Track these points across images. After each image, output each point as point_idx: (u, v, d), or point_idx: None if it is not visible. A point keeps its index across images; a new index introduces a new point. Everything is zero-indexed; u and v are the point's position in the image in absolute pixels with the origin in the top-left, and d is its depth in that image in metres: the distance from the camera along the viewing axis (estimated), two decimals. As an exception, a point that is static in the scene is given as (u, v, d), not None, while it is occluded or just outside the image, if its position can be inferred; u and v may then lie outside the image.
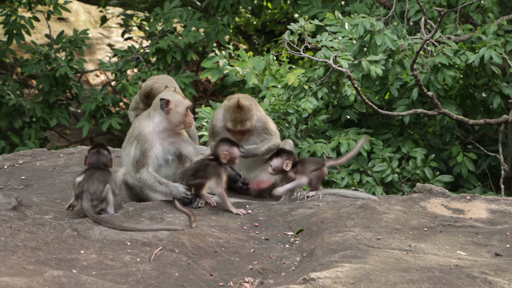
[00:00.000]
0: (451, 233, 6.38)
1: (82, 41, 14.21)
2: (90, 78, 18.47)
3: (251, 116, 7.51)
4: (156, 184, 7.06)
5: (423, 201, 7.02)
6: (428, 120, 10.76)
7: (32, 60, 14.14)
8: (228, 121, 7.50)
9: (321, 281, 5.34)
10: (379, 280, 5.38)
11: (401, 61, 10.17)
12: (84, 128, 14.02)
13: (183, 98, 7.25)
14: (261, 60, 10.94)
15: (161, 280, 5.66)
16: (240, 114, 7.45)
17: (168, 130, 7.19)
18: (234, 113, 7.46)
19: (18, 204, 6.70)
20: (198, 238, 6.29)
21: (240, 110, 7.45)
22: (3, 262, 5.59)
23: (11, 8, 14.15)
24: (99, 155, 7.02)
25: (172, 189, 6.99)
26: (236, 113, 7.45)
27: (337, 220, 6.58)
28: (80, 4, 20.22)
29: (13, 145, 13.99)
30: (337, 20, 10.65)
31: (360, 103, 10.35)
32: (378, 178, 10.01)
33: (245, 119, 7.47)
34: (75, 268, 5.70)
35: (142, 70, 14.09)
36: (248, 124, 7.49)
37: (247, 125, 7.49)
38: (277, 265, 6.00)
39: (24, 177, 8.12)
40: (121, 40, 18.96)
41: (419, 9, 11.84)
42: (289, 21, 13.83)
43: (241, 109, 7.45)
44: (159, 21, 14.59)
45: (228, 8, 14.80)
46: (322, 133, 10.43)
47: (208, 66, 10.93)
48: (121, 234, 6.27)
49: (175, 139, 7.25)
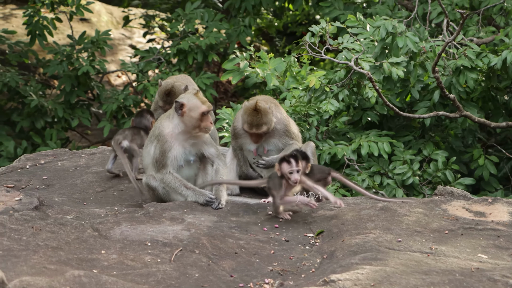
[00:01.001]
0: (472, 236, 6.35)
1: (104, 42, 14.27)
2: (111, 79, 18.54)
3: (268, 120, 7.48)
4: (182, 187, 7.12)
5: (444, 203, 7.00)
6: (450, 122, 10.71)
7: (54, 61, 14.22)
8: (245, 123, 7.52)
9: (341, 283, 5.33)
10: (399, 282, 5.36)
11: (423, 63, 10.12)
12: (105, 128, 14.07)
13: (201, 103, 7.18)
14: (282, 62, 10.93)
15: (181, 280, 5.67)
16: (256, 117, 7.45)
17: (186, 132, 7.19)
18: (251, 116, 7.46)
19: (40, 204, 6.74)
20: (219, 239, 6.29)
21: (256, 113, 7.45)
22: (25, 261, 5.62)
23: (34, 9, 14.24)
24: (142, 118, 8.09)
25: (198, 195, 7.04)
26: (253, 116, 7.46)
27: (358, 222, 6.57)
28: (102, 5, 20.30)
29: (35, 145, 14.07)
30: (359, 22, 10.63)
31: (381, 105, 10.32)
32: (399, 180, 9.97)
33: (261, 123, 7.46)
34: (96, 268, 5.72)
35: (164, 71, 14.12)
36: (265, 128, 7.48)
37: (263, 128, 7.48)
38: (297, 267, 6.00)
39: (46, 177, 8.16)
40: (142, 41, 19.01)
41: (442, 11, 11.79)
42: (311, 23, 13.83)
43: (258, 112, 7.44)
44: (180, 22, 14.62)
45: (249, 9, 14.81)
46: (343, 135, 10.41)
47: (229, 68, 10.94)
48: (141, 235, 6.30)
49: (196, 140, 7.24)
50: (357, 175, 9.84)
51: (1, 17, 19.00)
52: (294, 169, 6.71)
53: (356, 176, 9.80)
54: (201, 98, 7.25)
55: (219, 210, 6.94)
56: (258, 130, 7.48)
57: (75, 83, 14.22)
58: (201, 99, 7.24)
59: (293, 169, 6.71)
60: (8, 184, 7.74)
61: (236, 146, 7.78)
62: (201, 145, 7.26)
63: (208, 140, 7.32)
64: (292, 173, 6.71)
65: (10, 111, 14.59)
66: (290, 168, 6.71)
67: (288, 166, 6.72)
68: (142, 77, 14.23)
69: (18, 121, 14.21)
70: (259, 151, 7.70)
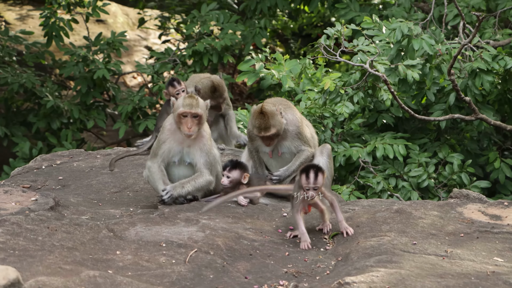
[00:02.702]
0: (488, 239, 6.32)
1: (120, 43, 14.31)
2: (127, 80, 18.59)
3: (276, 122, 7.45)
4: (159, 181, 7.24)
5: (459, 206, 6.97)
6: (465, 125, 10.68)
7: (70, 62, 14.27)
8: (253, 128, 7.52)
9: (356, 286, 5.32)
10: (414, 285, 5.35)
11: (439, 66, 10.10)
12: (121, 129, 14.11)
13: (182, 105, 7.14)
14: (298, 64, 10.93)
15: (196, 282, 5.68)
16: (263, 120, 7.43)
17: (178, 131, 7.23)
18: (258, 119, 7.45)
19: (56, 204, 6.77)
20: (233, 240, 6.30)
21: (263, 116, 7.43)
22: (41, 261, 5.65)
23: (51, 10, 14.30)
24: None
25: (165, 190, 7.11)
26: (260, 119, 7.44)
27: (373, 225, 6.56)
28: (118, 6, 20.37)
29: (51, 146, 14.12)
30: (375, 23, 10.61)
31: (396, 107, 10.30)
32: (414, 183, 9.95)
33: (269, 126, 7.43)
34: (111, 268, 5.74)
35: (179, 73, 14.14)
36: (273, 130, 7.45)
37: (272, 131, 7.45)
38: (312, 269, 6.00)
39: (61, 177, 8.20)
40: (158, 42, 19.06)
41: (458, 13, 11.76)
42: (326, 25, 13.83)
43: (264, 115, 7.42)
44: (196, 24, 14.64)
45: (265, 11, 14.82)
46: (358, 137, 10.40)
47: (245, 69, 10.95)
48: (156, 236, 6.31)
49: (193, 143, 7.25)
50: (372, 178, 9.82)
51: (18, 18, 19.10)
52: (311, 186, 6.39)
53: (371, 179, 9.79)
54: (187, 100, 7.19)
55: (234, 212, 6.94)
56: (267, 133, 7.46)
57: (91, 84, 14.27)
58: (186, 101, 7.19)
59: (310, 186, 6.40)
60: (24, 185, 7.78)
61: (252, 148, 7.78)
62: (195, 151, 7.25)
63: (205, 148, 7.25)
64: (308, 190, 6.41)
65: (26, 112, 14.66)
66: (307, 184, 6.40)
67: (305, 181, 6.42)
68: (158, 78, 14.26)
69: (34, 122, 14.27)
70: (274, 153, 7.69)
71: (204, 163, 7.23)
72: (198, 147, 7.23)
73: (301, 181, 6.44)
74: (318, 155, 7.74)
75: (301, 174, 6.45)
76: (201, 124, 7.21)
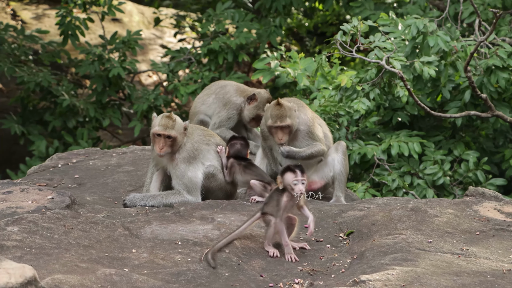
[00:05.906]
0: (504, 237, 6.30)
1: (135, 42, 14.35)
2: (142, 79, 18.64)
3: (292, 114, 7.56)
4: (145, 185, 7.43)
5: (475, 204, 6.95)
6: (481, 123, 10.64)
7: (86, 61, 14.33)
8: (268, 119, 7.58)
9: (371, 284, 5.32)
10: (430, 283, 5.34)
11: (454, 63, 10.07)
12: (136, 128, 14.15)
13: (157, 124, 7.13)
14: (313, 62, 10.94)
15: (211, 280, 5.69)
16: (279, 110, 7.54)
17: None
18: (274, 110, 7.56)
19: (72, 203, 6.80)
20: (249, 238, 6.30)
21: (279, 107, 7.55)
22: (57, 259, 5.67)
23: (67, 9, 14.36)
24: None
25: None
26: (276, 110, 7.55)
27: (388, 223, 6.55)
28: (134, 5, 20.42)
29: (67, 145, 14.19)
30: (391, 20, 10.59)
31: (412, 105, 10.28)
32: (430, 180, 9.93)
33: (284, 115, 7.53)
34: (127, 266, 5.76)
35: (194, 71, 14.17)
36: (288, 121, 7.53)
37: (287, 121, 7.53)
38: (327, 267, 5.99)
39: (77, 176, 8.23)
40: (173, 41, 19.09)
41: (473, 11, 11.72)
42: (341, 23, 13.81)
43: (281, 106, 7.55)
44: (211, 22, 14.66)
45: (280, 9, 14.81)
46: (373, 135, 10.39)
47: (260, 67, 10.96)
48: (172, 234, 6.33)
49: (169, 162, 7.26)
50: (387, 175, 9.81)
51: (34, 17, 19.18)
52: (299, 179, 6.15)
53: (386, 176, 9.78)
54: (164, 120, 7.15)
55: (249, 210, 6.94)
56: (282, 123, 7.53)
57: (107, 83, 14.32)
58: (163, 121, 7.15)
59: (298, 178, 6.14)
60: (40, 183, 7.81)
61: (266, 146, 7.84)
62: (171, 169, 7.26)
63: (177, 172, 7.20)
64: (296, 184, 6.13)
65: (43, 111, 14.73)
66: (295, 178, 6.13)
67: (292, 176, 6.13)
68: (173, 77, 14.28)
69: (50, 120, 14.34)
70: None
71: (176, 184, 7.24)
72: (172, 167, 7.27)
73: (288, 178, 6.15)
74: (333, 152, 7.77)
75: (285, 173, 6.18)
76: (175, 146, 7.16)
